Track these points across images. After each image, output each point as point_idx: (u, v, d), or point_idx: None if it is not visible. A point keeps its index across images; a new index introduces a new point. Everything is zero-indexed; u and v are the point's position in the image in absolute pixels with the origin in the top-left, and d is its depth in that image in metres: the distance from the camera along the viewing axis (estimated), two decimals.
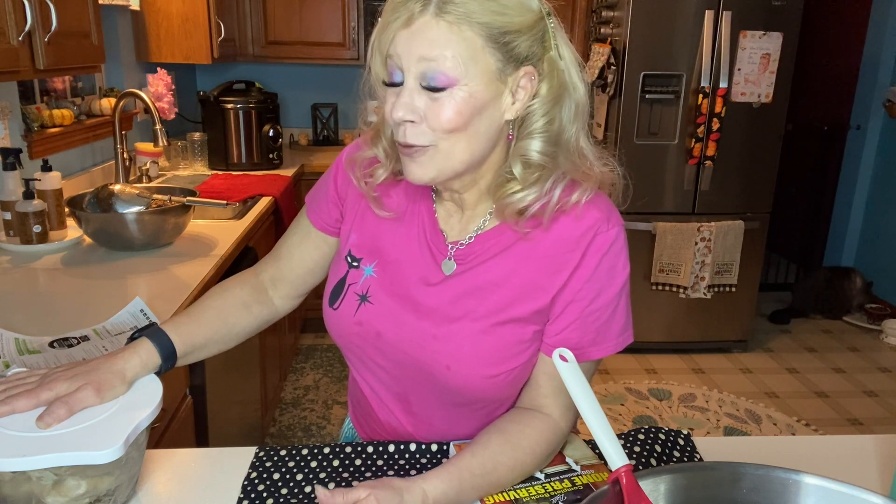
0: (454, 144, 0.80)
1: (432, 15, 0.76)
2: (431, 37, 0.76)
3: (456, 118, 0.78)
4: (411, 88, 0.79)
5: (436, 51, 0.76)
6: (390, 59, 0.80)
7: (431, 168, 0.82)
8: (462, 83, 0.77)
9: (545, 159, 0.83)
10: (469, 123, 0.79)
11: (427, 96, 0.79)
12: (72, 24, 1.71)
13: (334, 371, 3.23)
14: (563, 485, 0.84)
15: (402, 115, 0.79)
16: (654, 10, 3.06)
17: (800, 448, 1.02)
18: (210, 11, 2.93)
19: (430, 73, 0.77)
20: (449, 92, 0.78)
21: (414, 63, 0.77)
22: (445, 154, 0.81)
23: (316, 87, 3.98)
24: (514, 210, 0.85)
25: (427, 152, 0.81)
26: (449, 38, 0.76)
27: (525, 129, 0.83)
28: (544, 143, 0.83)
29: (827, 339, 3.78)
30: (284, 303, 1.07)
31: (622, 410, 2.96)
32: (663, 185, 3.28)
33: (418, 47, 0.77)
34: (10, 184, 1.85)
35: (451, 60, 0.76)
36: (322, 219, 1.01)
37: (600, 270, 0.85)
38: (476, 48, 0.77)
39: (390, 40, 0.79)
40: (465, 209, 0.91)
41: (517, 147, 0.84)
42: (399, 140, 0.82)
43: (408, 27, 0.77)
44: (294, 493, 0.85)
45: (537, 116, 0.82)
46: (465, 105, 0.78)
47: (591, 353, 0.88)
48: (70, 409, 0.78)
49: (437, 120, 0.79)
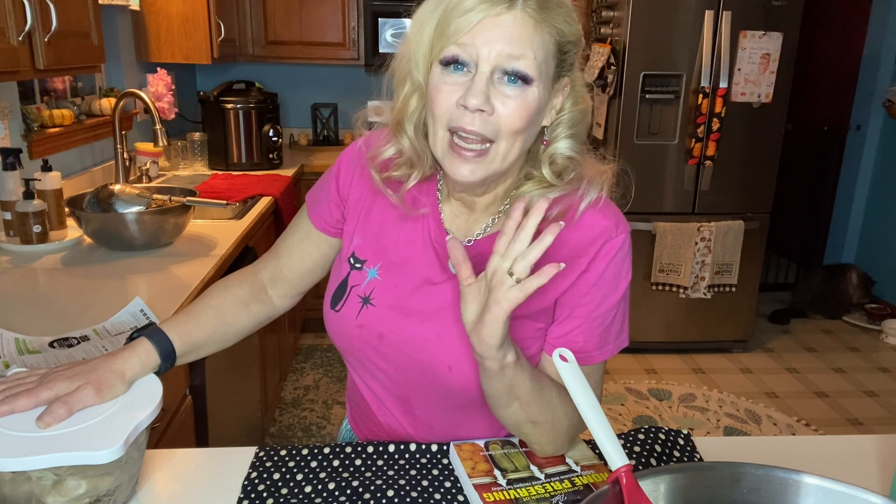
0: (511, 146, 0.80)
1: (521, 10, 0.76)
2: (518, 33, 0.76)
3: (524, 119, 0.78)
4: (486, 79, 0.77)
5: (521, 48, 0.76)
6: (461, 46, 0.77)
7: (483, 170, 0.80)
8: (535, 85, 0.78)
9: (575, 154, 0.86)
10: (529, 125, 0.80)
11: (499, 91, 0.77)
12: (72, 24, 1.71)
13: (334, 371, 3.23)
14: (563, 485, 0.84)
15: (478, 103, 0.76)
16: (654, 10, 3.06)
17: (800, 448, 1.02)
18: (210, 11, 2.93)
19: (511, 68, 0.76)
20: (522, 91, 0.77)
21: (494, 55, 0.76)
22: (502, 155, 0.80)
23: (316, 87, 3.98)
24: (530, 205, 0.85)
25: (486, 154, 0.80)
26: (533, 38, 0.76)
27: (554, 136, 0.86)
28: (573, 142, 0.86)
29: (827, 339, 3.78)
30: (283, 301, 1.06)
31: (622, 410, 2.96)
32: (663, 185, 3.28)
33: (502, 41, 0.75)
34: (10, 184, 1.85)
35: (531, 61, 0.76)
36: (323, 219, 1.00)
37: (606, 276, 0.86)
38: (549, 52, 0.78)
39: (467, 29, 0.76)
40: (475, 210, 0.91)
41: (547, 151, 0.86)
42: (464, 126, 0.78)
43: (494, 18, 0.75)
44: (294, 493, 0.85)
45: (565, 126, 0.85)
46: (532, 106, 0.78)
47: (595, 357, 0.88)
48: (70, 409, 0.78)
49: (506, 118, 0.78)
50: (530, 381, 0.80)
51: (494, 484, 0.83)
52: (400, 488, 0.85)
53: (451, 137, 0.80)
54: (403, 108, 0.86)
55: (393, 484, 0.86)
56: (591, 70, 3.34)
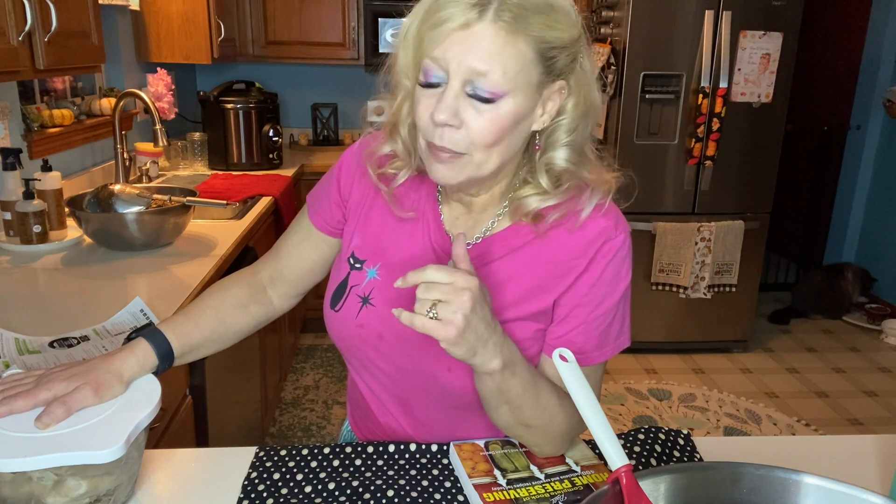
0: (488, 157, 0.80)
1: (490, 21, 0.73)
2: (486, 46, 0.74)
3: (497, 133, 0.78)
4: (455, 92, 0.76)
5: (489, 63, 0.74)
6: (433, 60, 0.77)
7: (461, 174, 0.81)
8: (508, 96, 0.76)
9: (571, 165, 0.84)
10: (505, 138, 0.79)
11: (470, 104, 0.77)
12: (72, 24, 1.71)
13: (334, 371, 3.23)
14: (563, 485, 0.84)
15: (444, 119, 0.76)
16: (654, 10, 3.05)
17: (800, 448, 1.02)
18: (210, 11, 2.93)
19: (479, 84, 0.75)
20: (494, 105, 0.76)
21: (463, 70, 0.75)
22: (477, 164, 0.80)
23: (316, 87, 3.98)
24: (530, 211, 0.85)
25: (460, 159, 0.80)
26: (503, 49, 0.74)
27: (552, 142, 0.84)
28: (570, 151, 0.84)
29: (827, 339, 3.78)
30: (283, 302, 1.06)
31: (622, 410, 2.96)
32: (663, 185, 3.28)
33: (471, 56, 0.74)
34: (10, 184, 1.85)
35: (500, 75, 0.75)
36: (324, 219, 1.00)
37: (605, 276, 0.86)
38: (525, 61, 0.76)
39: (439, 42, 0.76)
40: (474, 211, 0.91)
41: (543, 157, 0.84)
42: (433, 142, 0.79)
43: (462, 31, 0.74)
44: (294, 493, 0.85)
45: (564, 131, 0.83)
46: (506, 119, 0.77)
47: (594, 358, 0.88)
48: (69, 409, 0.78)
49: (478, 132, 0.77)
50: (522, 386, 0.80)
51: (494, 484, 0.84)
52: (400, 488, 0.85)
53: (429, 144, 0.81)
54: (398, 113, 0.88)
55: (393, 484, 0.86)
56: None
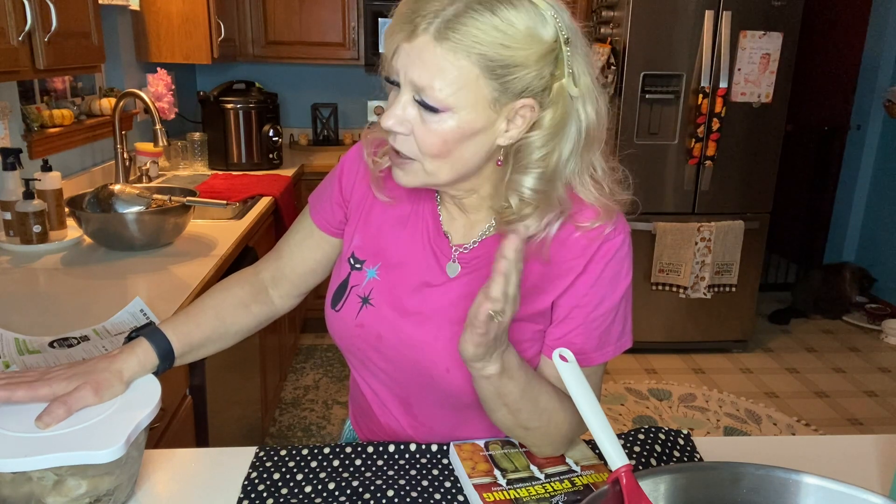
0: (439, 167, 0.80)
1: (432, 37, 0.73)
2: (426, 59, 0.73)
3: (440, 145, 0.78)
4: (405, 100, 0.77)
5: (427, 79, 0.74)
6: (391, 68, 0.78)
7: (414, 178, 0.82)
8: (452, 112, 0.75)
9: (536, 197, 0.80)
10: (454, 150, 0.79)
11: (418, 112, 0.77)
12: (72, 24, 1.71)
13: (334, 371, 3.23)
14: (563, 485, 0.84)
15: (391, 125, 0.78)
16: (654, 10, 3.06)
17: (800, 448, 1.02)
18: (210, 11, 2.93)
19: (423, 95, 0.75)
20: (438, 117, 0.76)
21: (408, 82, 0.76)
22: (429, 172, 0.81)
23: (316, 87, 3.98)
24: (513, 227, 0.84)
25: (412, 165, 0.81)
26: (442, 66, 0.73)
27: (520, 161, 0.80)
28: (537, 179, 0.80)
29: (827, 339, 3.78)
30: (284, 302, 1.06)
31: (622, 410, 2.96)
32: (663, 185, 3.28)
33: (412, 68, 0.75)
34: (10, 184, 1.85)
35: (440, 91, 0.74)
36: (325, 219, 1.01)
37: (604, 277, 0.85)
38: (470, 78, 0.74)
39: (392, 52, 0.77)
40: (468, 213, 0.91)
41: (511, 181, 0.81)
42: (390, 144, 0.82)
43: (408, 42, 0.75)
44: (294, 493, 0.85)
45: (533, 149, 0.79)
46: (451, 134, 0.77)
47: (594, 359, 0.88)
48: (69, 409, 0.78)
49: (423, 142, 0.78)
50: (520, 390, 0.80)
51: (494, 484, 0.84)
52: (400, 488, 0.85)
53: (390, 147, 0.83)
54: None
55: (393, 484, 0.86)
56: None
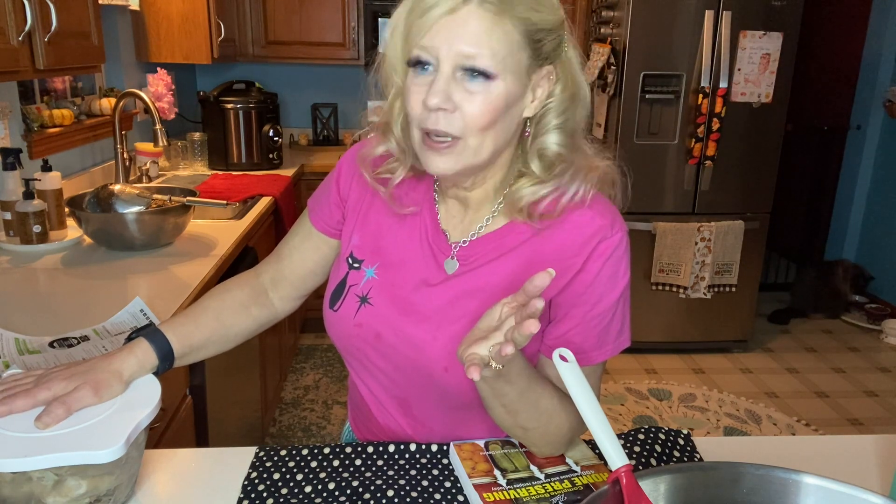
0: (483, 140, 0.80)
1: (476, 5, 0.75)
2: (473, 29, 0.75)
3: (490, 114, 0.78)
4: (447, 77, 0.77)
5: (477, 46, 0.75)
6: (422, 49, 0.78)
7: (456, 162, 0.81)
8: (499, 79, 0.77)
9: (564, 150, 0.85)
10: (498, 121, 0.80)
11: (462, 87, 0.78)
12: (72, 24, 1.71)
13: (334, 371, 3.23)
14: (563, 485, 0.84)
15: (437, 102, 0.77)
16: (654, 10, 3.06)
17: (800, 448, 1.02)
18: (210, 11, 2.93)
19: (469, 66, 0.76)
20: (485, 87, 0.77)
21: (453, 54, 0.76)
22: (473, 150, 0.81)
23: (316, 87, 3.98)
24: (526, 204, 0.86)
25: (455, 146, 0.80)
26: (492, 32, 0.75)
27: (542, 126, 0.85)
28: (561, 135, 0.85)
29: (827, 339, 3.78)
30: (284, 304, 1.06)
31: (622, 410, 2.96)
32: (663, 185, 3.28)
33: (459, 40, 0.75)
34: (10, 184, 1.85)
35: (490, 58, 0.76)
36: (324, 220, 1.01)
37: (602, 275, 0.85)
38: (513, 43, 0.77)
39: (427, 29, 0.77)
40: (469, 208, 0.91)
41: (535, 143, 0.85)
42: (429, 127, 0.79)
43: (449, 17, 0.75)
44: (294, 493, 0.85)
45: (553, 115, 0.84)
46: (498, 101, 0.78)
47: (593, 357, 0.88)
48: (68, 409, 0.78)
49: (470, 115, 0.78)
50: (517, 393, 0.80)
51: (494, 484, 0.84)
52: (400, 488, 0.85)
53: (424, 135, 0.81)
54: (390, 111, 0.88)
55: (393, 484, 0.86)
56: (591, 70, 3.34)
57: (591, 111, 0.88)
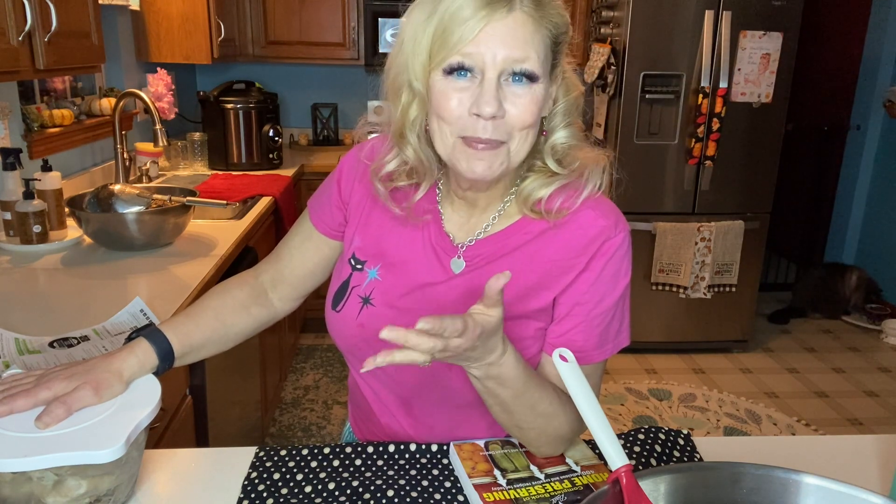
0: (523, 142, 0.82)
1: (519, 10, 0.77)
2: (520, 35, 0.77)
3: (533, 116, 0.80)
4: (495, 83, 0.78)
5: (525, 50, 0.77)
6: (465, 56, 0.77)
7: (499, 166, 0.82)
8: (540, 81, 0.80)
9: (574, 142, 0.88)
10: (537, 120, 0.82)
11: (509, 92, 0.79)
12: (72, 24, 1.71)
13: (334, 371, 3.23)
14: (563, 485, 0.84)
15: (493, 111, 0.77)
16: (654, 10, 3.05)
17: (800, 448, 1.02)
18: (210, 11, 2.93)
19: (518, 69, 0.78)
20: (530, 89, 0.79)
21: (500, 60, 0.77)
22: (514, 151, 0.82)
23: (316, 87, 3.98)
24: (539, 199, 0.86)
25: (500, 150, 0.81)
26: (534, 37, 0.78)
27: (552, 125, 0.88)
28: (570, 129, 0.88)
29: (827, 339, 3.78)
30: (284, 304, 1.06)
31: (622, 410, 2.96)
32: (663, 185, 3.28)
33: (506, 45, 0.77)
34: (10, 184, 1.85)
35: (536, 61, 0.78)
36: (325, 222, 1.01)
37: (605, 275, 0.86)
38: (547, 48, 0.80)
39: (471, 37, 0.76)
40: (477, 209, 0.92)
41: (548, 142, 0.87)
42: (478, 136, 0.79)
43: (497, 24, 0.76)
44: (294, 493, 0.85)
45: (561, 116, 0.87)
46: (539, 102, 0.81)
47: (594, 357, 0.88)
48: (69, 409, 0.78)
49: (517, 116, 0.79)
50: (511, 395, 0.80)
51: (494, 484, 0.84)
52: (400, 488, 0.85)
53: (461, 139, 0.81)
54: (404, 118, 0.86)
55: (393, 484, 0.86)
56: (591, 70, 3.34)
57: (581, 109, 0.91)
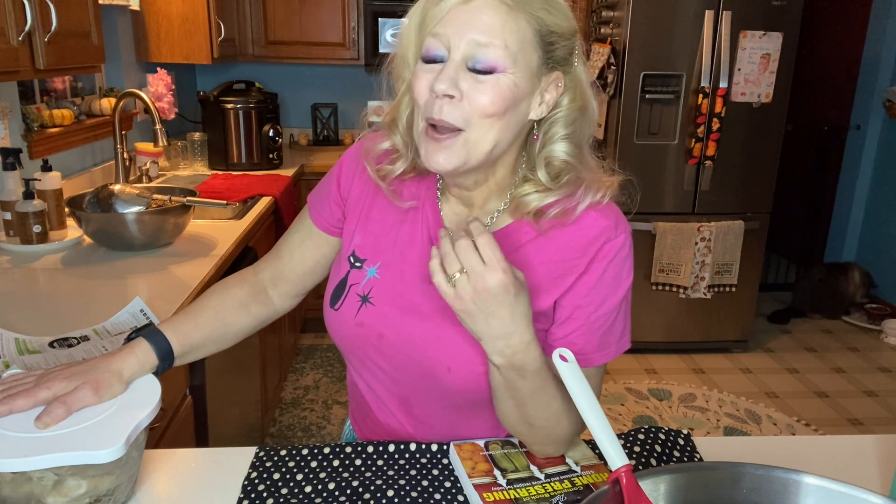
0: (485, 133, 0.79)
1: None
2: (487, 20, 0.76)
3: (497, 103, 0.78)
4: (457, 66, 0.77)
5: (490, 36, 0.76)
6: (435, 36, 0.78)
7: (456, 157, 0.80)
8: (508, 72, 0.78)
9: (571, 160, 0.85)
10: (505, 112, 0.79)
11: (472, 77, 0.78)
12: (72, 24, 1.71)
13: (334, 371, 3.23)
14: (563, 485, 0.84)
15: (444, 88, 0.77)
16: (654, 10, 3.06)
17: (800, 448, 1.02)
18: (210, 11, 2.93)
19: (481, 56, 0.77)
20: (495, 77, 0.77)
21: (464, 44, 0.77)
22: (474, 142, 0.80)
23: (316, 87, 3.98)
24: (531, 209, 0.85)
25: (457, 139, 0.79)
26: (505, 24, 0.76)
27: (550, 136, 0.85)
28: (569, 145, 0.85)
29: (827, 339, 3.78)
30: (284, 302, 1.06)
31: (622, 410, 2.96)
32: (663, 185, 3.28)
33: (472, 29, 0.76)
34: (10, 184, 1.85)
35: (502, 49, 0.76)
36: (324, 218, 1.01)
37: (606, 277, 0.85)
38: (525, 40, 0.78)
39: (440, 18, 0.77)
40: (473, 208, 0.91)
41: (542, 152, 0.85)
42: (433, 116, 0.79)
43: (464, 6, 0.76)
44: (294, 493, 0.85)
45: (561, 125, 0.84)
46: (507, 92, 0.78)
47: (595, 359, 0.88)
48: (68, 409, 0.78)
49: (477, 102, 0.78)
50: (529, 390, 0.80)
51: (494, 484, 0.84)
52: (400, 488, 0.85)
53: (427, 127, 0.81)
54: (398, 106, 0.88)
55: (393, 484, 0.86)
56: (591, 70, 3.34)
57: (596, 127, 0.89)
